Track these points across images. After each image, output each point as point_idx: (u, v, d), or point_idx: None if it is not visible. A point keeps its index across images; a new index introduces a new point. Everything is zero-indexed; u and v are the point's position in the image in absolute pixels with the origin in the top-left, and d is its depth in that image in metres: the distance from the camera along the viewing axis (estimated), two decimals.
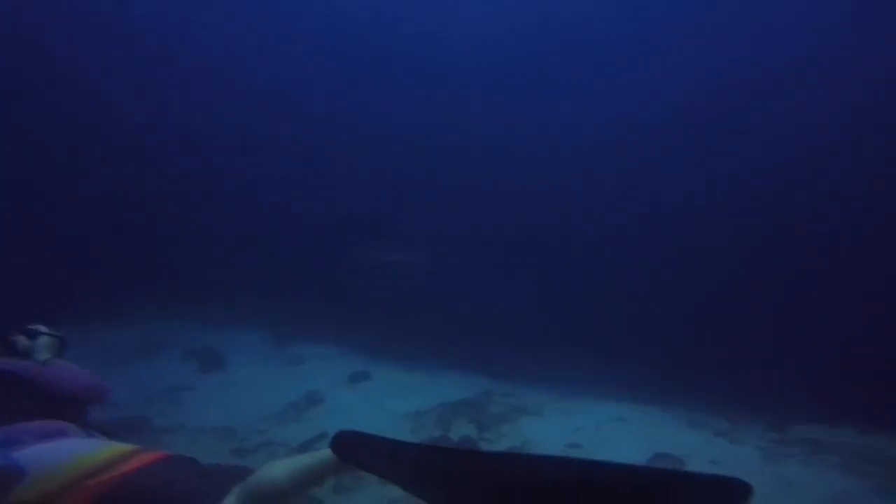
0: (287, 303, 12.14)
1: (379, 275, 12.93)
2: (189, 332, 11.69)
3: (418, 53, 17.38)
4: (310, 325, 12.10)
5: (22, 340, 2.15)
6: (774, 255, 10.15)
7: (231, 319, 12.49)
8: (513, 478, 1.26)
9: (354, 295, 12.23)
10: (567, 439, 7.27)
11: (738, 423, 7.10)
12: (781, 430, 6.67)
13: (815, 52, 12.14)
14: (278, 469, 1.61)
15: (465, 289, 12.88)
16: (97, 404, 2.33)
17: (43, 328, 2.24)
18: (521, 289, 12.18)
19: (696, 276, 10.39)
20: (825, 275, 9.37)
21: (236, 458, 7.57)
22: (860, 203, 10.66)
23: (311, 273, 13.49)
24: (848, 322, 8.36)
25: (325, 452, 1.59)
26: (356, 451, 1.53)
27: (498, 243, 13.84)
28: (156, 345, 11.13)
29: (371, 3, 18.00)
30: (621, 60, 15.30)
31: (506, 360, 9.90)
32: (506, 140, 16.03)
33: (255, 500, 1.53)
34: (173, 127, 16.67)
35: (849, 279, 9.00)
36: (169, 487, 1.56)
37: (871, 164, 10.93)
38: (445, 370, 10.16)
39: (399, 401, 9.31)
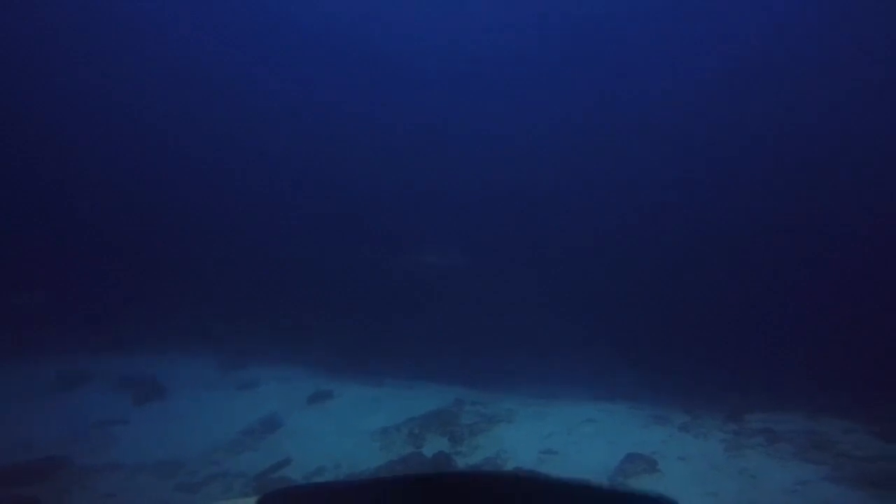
0: (236, 323, 11.28)
1: (339, 288, 12.38)
2: (122, 361, 10.52)
3: (425, 61, 17.00)
4: (264, 346, 11.32)
5: None
6: (727, 257, 10.86)
7: (171, 344, 11.43)
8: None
9: (312, 310, 11.61)
10: (541, 446, 7.19)
11: (700, 416, 7.39)
12: (738, 420, 7.02)
13: (805, 52, 12.74)
14: None
15: (430, 297, 12.68)
16: None
17: None
18: (486, 295, 12.18)
19: (657, 280, 10.85)
20: (770, 274, 10.17)
21: (181, 493, 6.86)
22: (815, 206, 11.51)
23: (264, 289, 12.64)
24: (792, 316, 9.09)
25: None
26: None
27: (463, 250, 13.81)
28: (82, 376, 9.87)
29: (387, 12, 17.35)
30: (619, 64, 15.64)
31: (476, 367, 9.78)
32: (482, 142, 16.00)
33: None
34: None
35: (792, 278, 9.81)
36: None
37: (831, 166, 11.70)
38: (415, 382, 9.83)
39: (366, 418, 8.87)
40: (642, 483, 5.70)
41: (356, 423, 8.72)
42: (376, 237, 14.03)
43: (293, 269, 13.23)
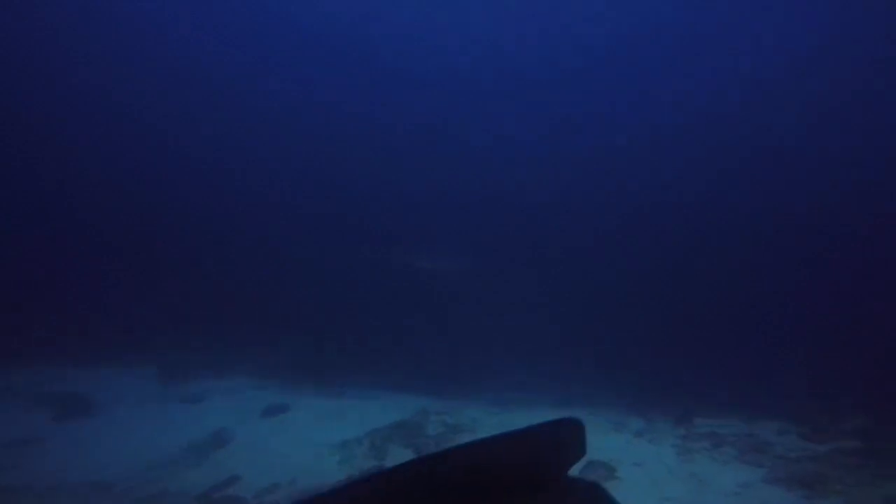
0: (178, 332, 10.38)
1: (295, 295, 11.75)
2: (42, 376, 9.32)
3: (427, 63, 16.54)
4: (211, 357, 10.51)
5: None
6: (675, 275, 11.60)
7: (103, 356, 10.31)
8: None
9: (265, 319, 10.93)
10: None
11: (653, 421, 7.81)
12: (687, 423, 7.50)
13: (815, 57, 13.42)
14: None
15: (391, 305, 12.38)
16: None
17: None
18: (450, 304, 12.12)
19: (614, 292, 11.36)
20: (711, 284, 11.07)
21: None
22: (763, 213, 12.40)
23: (212, 295, 11.71)
24: (732, 325, 9.96)
25: None
26: None
27: (429, 253, 13.71)
28: None
29: (388, 13, 16.65)
30: (621, 72, 15.98)
31: (439, 376, 9.71)
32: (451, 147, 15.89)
33: None
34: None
35: (734, 288, 10.74)
36: None
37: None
38: (377, 392, 9.57)
39: (324, 431, 8.51)
40: None
41: (314, 436, 8.34)
42: (334, 239, 13.56)
43: (242, 274, 12.42)
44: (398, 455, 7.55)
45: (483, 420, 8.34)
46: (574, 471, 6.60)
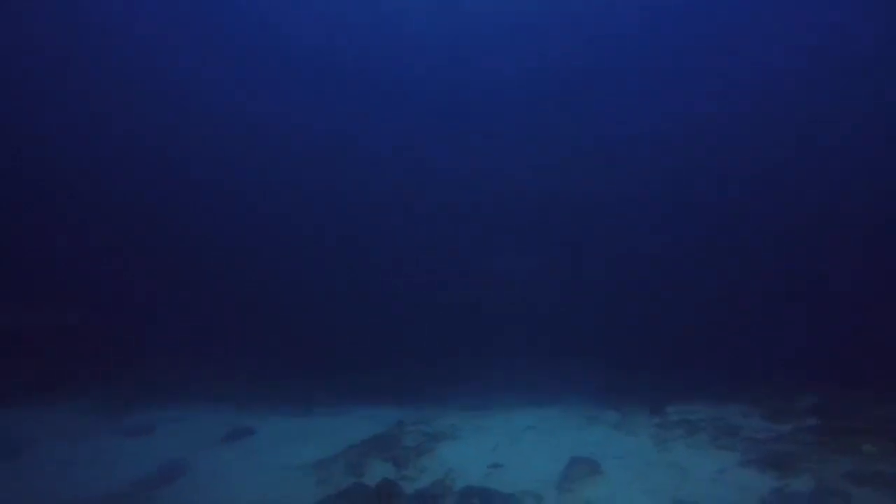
0: (115, 359, 9.27)
1: (251, 307, 10.89)
2: None
3: (434, 73, 15.97)
4: (159, 383, 9.47)
5: None
6: (640, 271, 12.06)
7: (28, 393, 8.98)
8: None
9: (220, 335, 10.00)
10: (488, 460, 7.06)
11: (627, 413, 7.97)
12: (660, 412, 7.72)
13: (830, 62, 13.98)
14: None
15: (356, 311, 11.86)
16: None
17: None
18: (417, 308, 11.80)
19: (582, 289, 11.61)
20: (671, 284, 11.60)
21: None
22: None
23: (153, 316, 10.57)
24: (693, 314, 10.48)
25: None
26: None
27: (386, 260, 13.26)
28: None
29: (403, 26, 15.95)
30: (632, 75, 16.15)
31: (413, 384, 9.35)
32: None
33: None
34: None
35: (692, 280, 11.34)
36: None
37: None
38: (348, 406, 9.06)
39: (295, 452, 7.90)
40: (589, 487, 5.85)
41: (284, 458, 7.74)
42: (288, 245, 12.84)
43: (184, 289, 11.36)
44: (378, 470, 7.16)
45: (461, 426, 8.12)
46: (556, 469, 6.40)
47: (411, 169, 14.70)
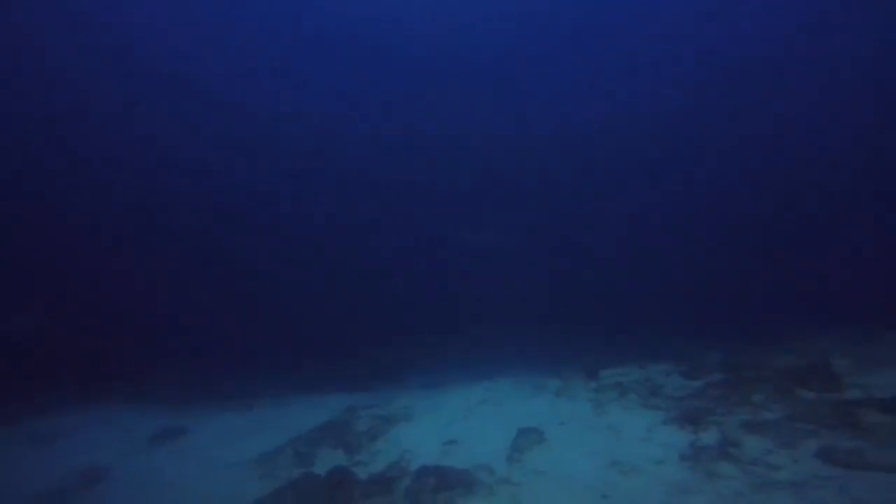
0: (29, 360, 8.06)
1: (177, 297, 9.86)
2: None
3: (431, 59, 14.77)
4: (77, 385, 8.42)
5: None
6: (579, 247, 12.80)
7: None
8: None
9: (145, 329, 9.01)
10: (443, 437, 7.34)
11: (568, 379, 8.65)
12: (595, 377, 8.49)
13: (814, 46, 14.51)
14: None
15: (296, 293, 11.32)
16: None
17: None
18: (363, 286, 11.56)
19: (523, 264, 12.05)
20: (602, 255, 12.56)
21: None
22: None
23: (73, 311, 9.21)
24: (620, 285, 11.45)
25: None
26: None
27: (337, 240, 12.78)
28: None
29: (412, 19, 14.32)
30: (625, 61, 15.80)
31: (364, 368, 9.28)
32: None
33: None
34: None
35: (619, 255, 12.32)
36: None
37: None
38: (294, 397, 8.78)
39: (236, 448, 7.61)
40: (535, 455, 6.35)
41: (225, 455, 7.43)
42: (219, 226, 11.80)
43: (102, 279, 10.04)
44: (329, 458, 7.14)
45: (416, 405, 8.32)
46: (507, 440, 6.77)
47: (350, 153, 14.19)
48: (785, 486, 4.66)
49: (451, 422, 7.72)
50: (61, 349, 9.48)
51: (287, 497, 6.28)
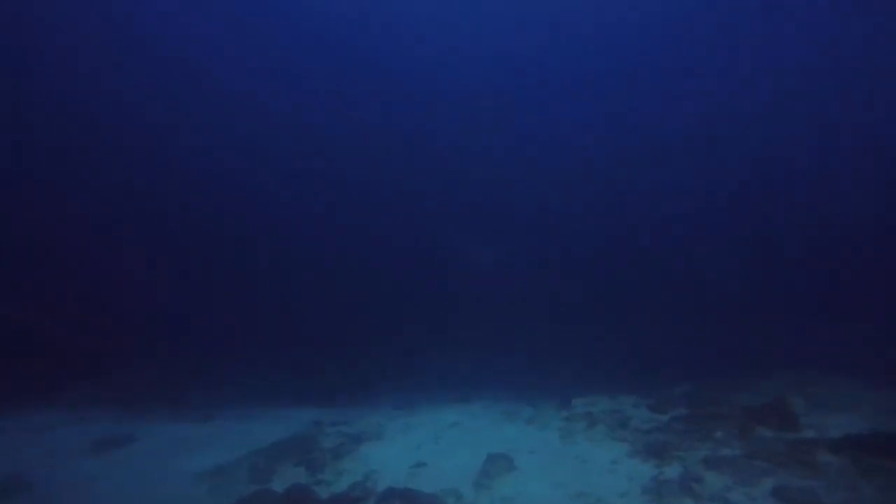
0: None
1: (139, 295, 9.49)
2: None
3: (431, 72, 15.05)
4: (11, 384, 7.87)
5: None
6: (552, 282, 13.14)
7: None
8: None
9: (97, 330, 8.58)
10: (411, 459, 7.23)
11: (540, 407, 8.72)
12: (567, 406, 8.59)
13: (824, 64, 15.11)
14: None
15: (267, 303, 11.05)
16: None
17: None
18: (337, 301, 11.42)
19: (500, 289, 12.25)
20: (580, 288, 12.91)
21: None
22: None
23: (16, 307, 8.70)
24: (599, 321, 11.75)
25: None
26: None
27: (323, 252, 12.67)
28: None
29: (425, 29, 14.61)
30: (628, 78, 16.35)
31: (335, 384, 9.07)
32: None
33: None
34: None
35: (597, 292, 12.72)
36: None
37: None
38: (257, 410, 8.47)
39: (187, 460, 7.26)
40: (504, 483, 6.33)
41: (172, 466, 7.08)
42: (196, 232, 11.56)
43: (62, 277, 9.59)
44: (288, 475, 6.90)
45: (387, 425, 8.19)
46: (476, 465, 6.76)
47: (336, 169, 14.37)
48: None
49: (420, 443, 7.63)
50: (7, 345, 8.93)
51: None
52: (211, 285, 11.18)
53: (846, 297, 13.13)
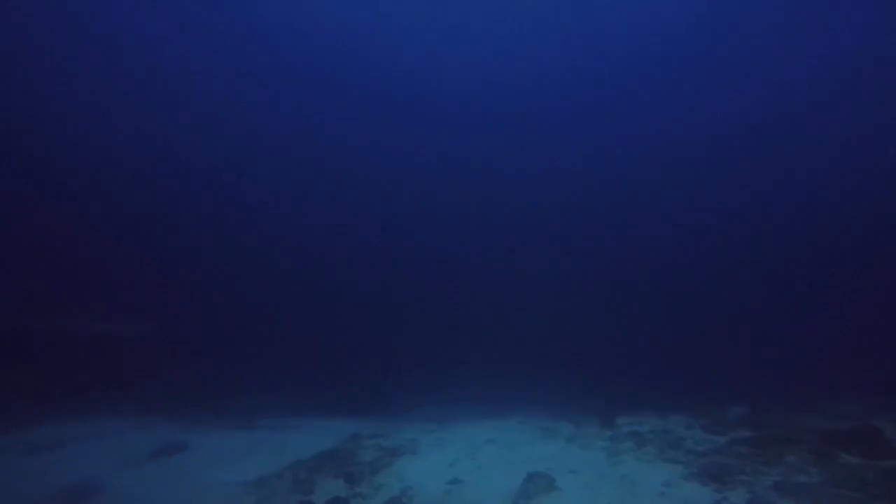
0: (22, 368, 8.14)
1: (184, 309, 10.00)
2: None
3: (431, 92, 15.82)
4: (70, 396, 8.38)
5: None
6: (587, 291, 12.72)
7: None
8: None
9: (149, 342, 9.09)
10: (447, 476, 6.97)
11: (581, 425, 8.23)
12: (611, 425, 8.05)
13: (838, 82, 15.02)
14: None
15: (309, 318, 11.32)
16: None
17: None
18: (377, 316, 11.52)
19: (535, 303, 11.94)
20: (617, 301, 12.38)
21: None
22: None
23: (71, 317, 9.39)
24: (636, 333, 11.18)
25: None
26: None
27: (354, 263, 12.96)
28: None
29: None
30: (628, 82, 16.62)
31: (371, 396, 9.03)
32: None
33: None
34: None
35: (634, 304, 12.15)
36: None
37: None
38: (297, 419, 8.54)
39: (235, 468, 7.37)
40: (545, 503, 5.93)
41: (222, 475, 7.19)
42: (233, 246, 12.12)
43: (116, 287, 10.30)
44: (329, 488, 6.82)
45: (421, 440, 7.98)
46: (514, 484, 6.35)
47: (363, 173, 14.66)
48: None
49: (456, 459, 7.35)
50: (66, 356, 9.54)
51: None
52: (257, 301, 11.59)
53: None
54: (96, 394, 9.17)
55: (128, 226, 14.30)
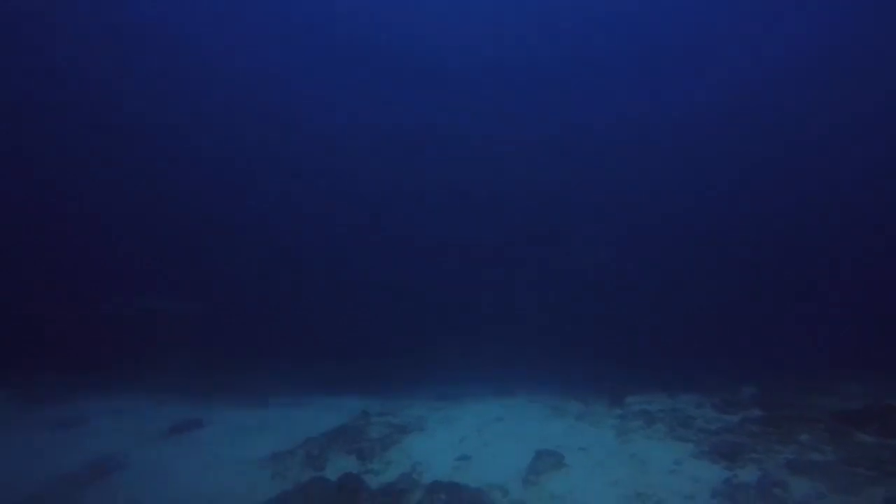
0: (40, 348, 8.29)
1: (197, 290, 10.08)
2: None
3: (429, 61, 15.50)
4: (94, 373, 8.55)
5: None
6: (600, 270, 12.53)
7: None
8: None
9: (164, 323, 9.20)
10: (455, 452, 7.02)
11: (590, 403, 8.23)
12: (620, 403, 8.04)
13: (821, 58, 14.60)
14: None
15: (320, 296, 11.38)
16: None
17: None
18: (388, 295, 11.53)
19: (549, 282, 11.83)
20: (628, 280, 12.20)
21: None
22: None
23: (85, 301, 9.50)
24: (647, 311, 11.05)
25: None
26: None
27: (354, 244, 12.91)
28: None
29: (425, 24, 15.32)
30: (623, 67, 16.14)
31: (379, 373, 9.11)
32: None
33: None
34: None
35: (646, 283, 11.96)
36: None
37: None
38: (308, 397, 8.65)
39: (249, 445, 7.51)
40: (553, 480, 5.96)
41: (237, 452, 7.33)
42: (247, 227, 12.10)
43: (134, 268, 10.35)
44: (340, 464, 6.92)
45: (429, 417, 8.04)
46: (523, 461, 6.36)
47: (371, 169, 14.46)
48: None
49: (465, 436, 7.40)
50: (85, 335, 9.70)
51: (296, 501, 6.10)
52: (269, 282, 11.64)
53: None
54: (115, 372, 9.35)
55: (141, 211, 14.38)
